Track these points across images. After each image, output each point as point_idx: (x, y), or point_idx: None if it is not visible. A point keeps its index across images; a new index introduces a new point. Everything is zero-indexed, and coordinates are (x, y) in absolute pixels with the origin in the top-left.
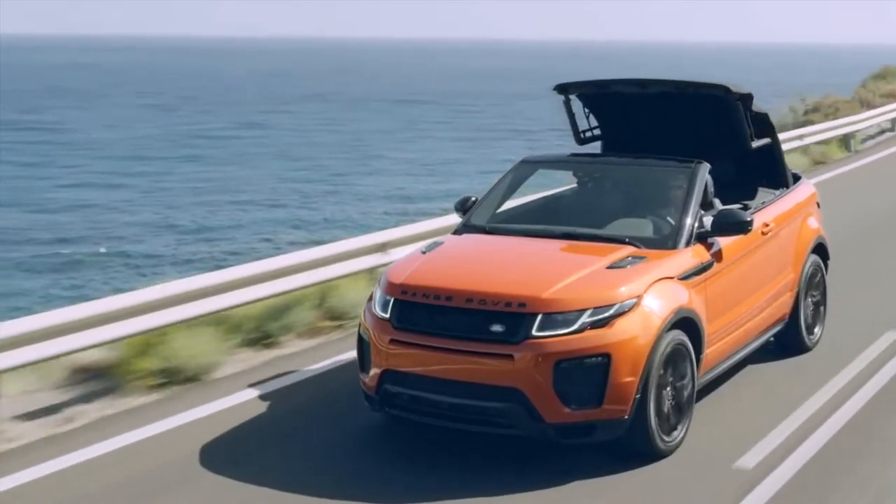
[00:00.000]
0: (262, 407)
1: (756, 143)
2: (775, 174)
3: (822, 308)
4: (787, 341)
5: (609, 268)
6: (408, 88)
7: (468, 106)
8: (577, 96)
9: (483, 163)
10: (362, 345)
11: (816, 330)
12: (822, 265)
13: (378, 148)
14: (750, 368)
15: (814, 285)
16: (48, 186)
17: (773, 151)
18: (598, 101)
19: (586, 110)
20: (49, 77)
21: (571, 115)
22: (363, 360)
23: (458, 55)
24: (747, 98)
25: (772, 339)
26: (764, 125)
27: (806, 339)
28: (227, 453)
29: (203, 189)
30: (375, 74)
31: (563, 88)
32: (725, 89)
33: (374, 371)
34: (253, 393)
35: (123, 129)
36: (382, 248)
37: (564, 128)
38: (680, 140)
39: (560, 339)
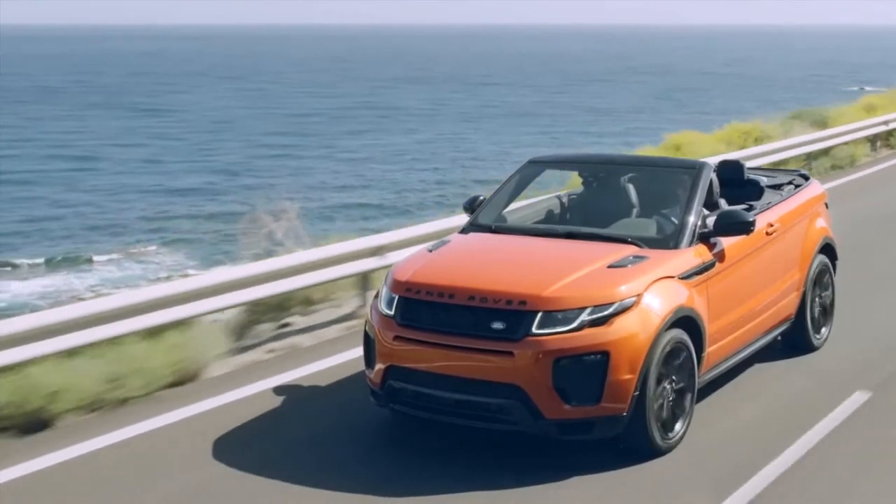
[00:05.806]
0: None
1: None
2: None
3: (829, 308)
4: (793, 341)
5: (610, 267)
6: (478, 72)
7: (556, 88)
8: None
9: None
10: (368, 341)
11: (823, 330)
12: (830, 265)
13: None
14: None
15: (821, 285)
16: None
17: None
18: None
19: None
20: (130, 65)
21: None
22: (369, 357)
23: (476, 40)
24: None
25: (779, 338)
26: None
27: (812, 339)
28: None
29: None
30: (430, 60)
31: None
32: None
33: (378, 367)
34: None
35: (265, 109)
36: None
37: (650, 107)
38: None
39: (559, 336)
